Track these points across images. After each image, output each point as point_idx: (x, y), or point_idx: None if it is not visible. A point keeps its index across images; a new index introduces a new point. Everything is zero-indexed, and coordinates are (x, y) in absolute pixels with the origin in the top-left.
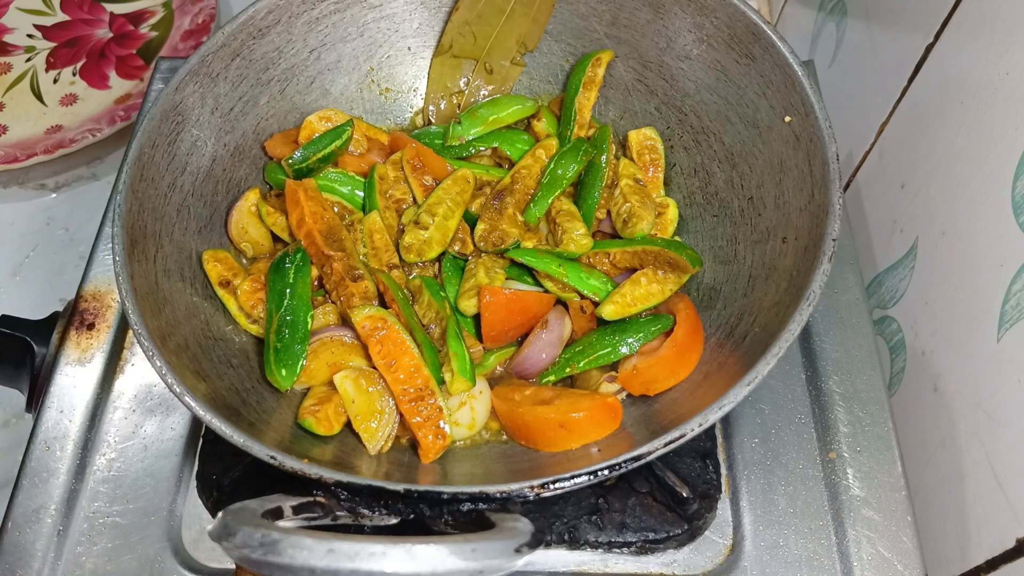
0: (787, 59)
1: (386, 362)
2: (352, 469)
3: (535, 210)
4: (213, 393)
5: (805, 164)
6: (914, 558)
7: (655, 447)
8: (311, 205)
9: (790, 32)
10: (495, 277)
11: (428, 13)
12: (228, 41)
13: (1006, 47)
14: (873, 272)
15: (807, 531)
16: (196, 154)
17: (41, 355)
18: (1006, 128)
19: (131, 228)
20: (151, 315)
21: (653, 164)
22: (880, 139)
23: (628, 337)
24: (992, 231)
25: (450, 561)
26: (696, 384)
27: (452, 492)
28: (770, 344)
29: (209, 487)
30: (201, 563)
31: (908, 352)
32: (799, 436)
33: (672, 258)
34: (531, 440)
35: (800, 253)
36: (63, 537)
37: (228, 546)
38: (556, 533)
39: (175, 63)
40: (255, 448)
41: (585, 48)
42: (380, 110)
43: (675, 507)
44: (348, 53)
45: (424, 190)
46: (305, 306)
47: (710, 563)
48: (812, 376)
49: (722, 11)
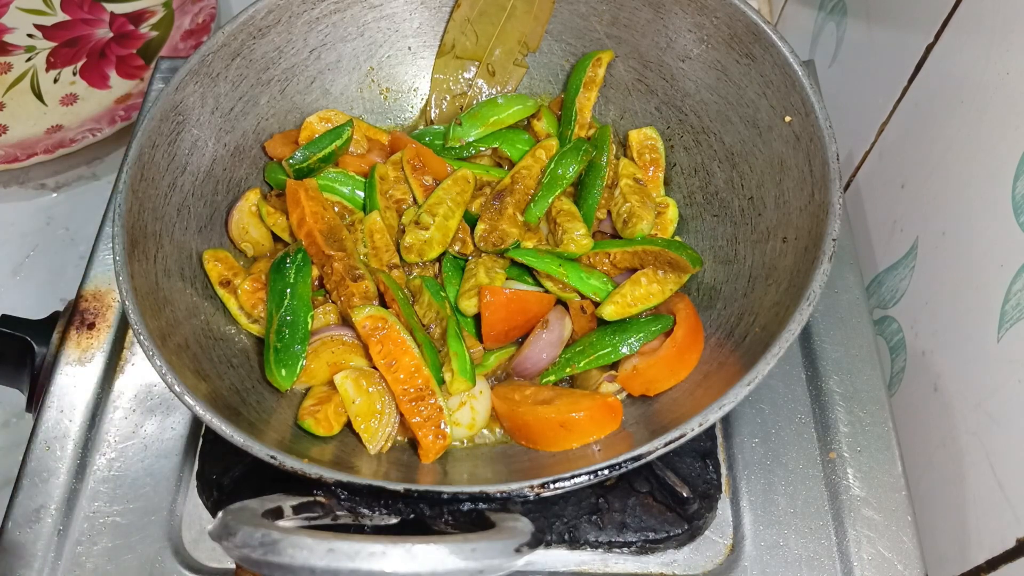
0: (787, 59)
1: (386, 362)
2: (352, 469)
3: (535, 210)
4: (213, 393)
5: (805, 164)
6: (914, 558)
7: (655, 447)
8: (312, 205)
9: (790, 32)
10: (495, 277)
11: (428, 13)
12: (228, 41)
13: (1006, 47)
14: (873, 272)
15: (807, 531)
16: (196, 154)
17: (41, 355)
18: (1006, 128)
19: (131, 228)
20: (151, 315)
21: (653, 164)
22: (880, 139)
23: (628, 337)
24: (992, 231)
25: (450, 561)
26: (696, 384)
27: (452, 492)
28: (770, 344)
29: (209, 487)
30: (201, 563)
31: (908, 352)
32: (799, 436)
33: (672, 258)
34: (531, 440)
35: (800, 253)
36: (63, 537)
37: (228, 546)
38: (556, 533)
39: (175, 63)
40: (255, 448)
41: (585, 48)
42: (380, 110)
43: (675, 507)
44: (348, 53)
45: (424, 190)
46: (305, 306)
47: (710, 563)
48: (812, 376)
49: (722, 11)
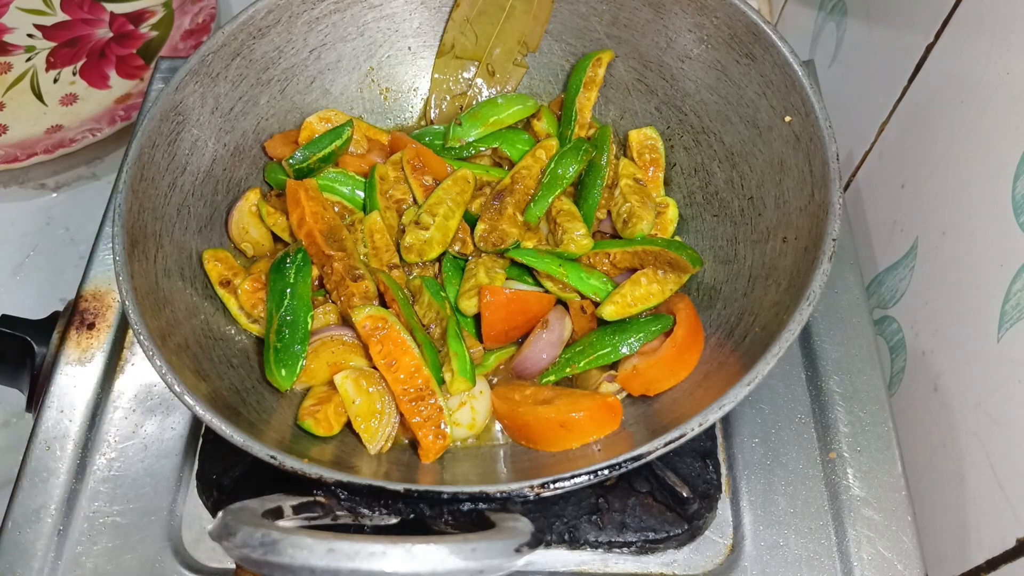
0: (787, 59)
1: (386, 362)
2: (352, 469)
3: (535, 209)
4: (213, 393)
5: (805, 164)
6: (914, 558)
7: (655, 447)
8: (312, 205)
9: (790, 32)
10: (495, 277)
11: (428, 13)
12: (228, 41)
13: (1006, 47)
14: (873, 272)
15: (807, 531)
16: (196, 154)
17: (41, 355)
18: (1006, 128)
19: (131, 228)
20: (151, 315)
21: (653, 164)
22: (880, 139)
23: (628, 337)
24: (992, 231)
25: (450, 561)
26: (696, 384)
27: (452, 492)
28: (770, 344)
29: (209, 487)
30: (201, 563)
31: (908, 352)
32: (799, 436)
33: (672, 258)
34: (531, 440)
35: (800, 253)
36: (63, 537)
37: (228, 546)
38: (556, 533)
39: (175, 63)
40: (255, 448)
41: (585, 48)
42: (380, 110)
43: (675, 507)
44: (348, 53)
45: (424, 190)
46: (305, 306)
47: (710, 563)
48: (812, 376)
49: (722, 11)
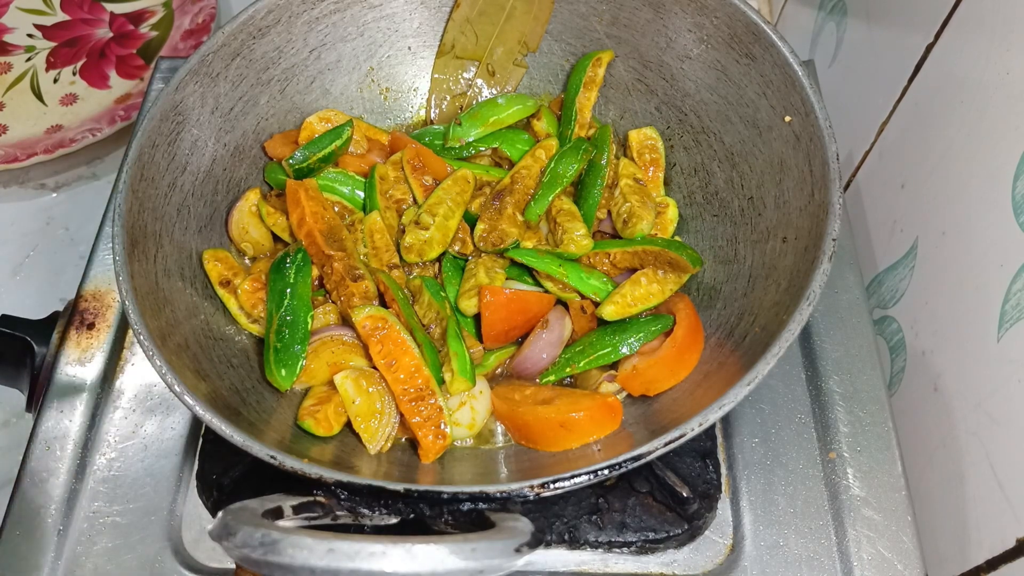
0: (787, 59)
1: (386, 362)
2: (352, 469)
3: (535, 208)
4: (213, 393)
5: (805, 164)
6: (914, 558)
7: (655, 447)
8: (312, 205)
9: (790, 32)
10: (495, 277)
11: (428, 13)
12: (228, 41)
13: (1006, 47)
14: (873, 272)
15: (807, 531)
16: (196, 154)
17: (41, 355)
18: (1006, 128)
19: (131, 228)
20: (151, 315)
21: (653, 164)
22: (880, 139)
23: (628, 337)
24: (992, 231)
25: (450, 561)
26: (696, 384)
27: (452, 492)
28: (770, 344)
29: (209, 487)
30: (201, 563)
31: (908, 352)
32: (799, 436)
33: (672, 258)
34: (531, 440)
35: (800, 253)
36: (63, 537)
37: (228, 546)
38: (556, 533)
39: (175, 63)
40: (255, 448)
41: (585, 48)
42: (380, 110)
43: (675, 507)
44: (348, 53)
45: (424, 190)
46: (305, 306)
47: (710, 563)
48: (812, 376)
49: (722, 11)
